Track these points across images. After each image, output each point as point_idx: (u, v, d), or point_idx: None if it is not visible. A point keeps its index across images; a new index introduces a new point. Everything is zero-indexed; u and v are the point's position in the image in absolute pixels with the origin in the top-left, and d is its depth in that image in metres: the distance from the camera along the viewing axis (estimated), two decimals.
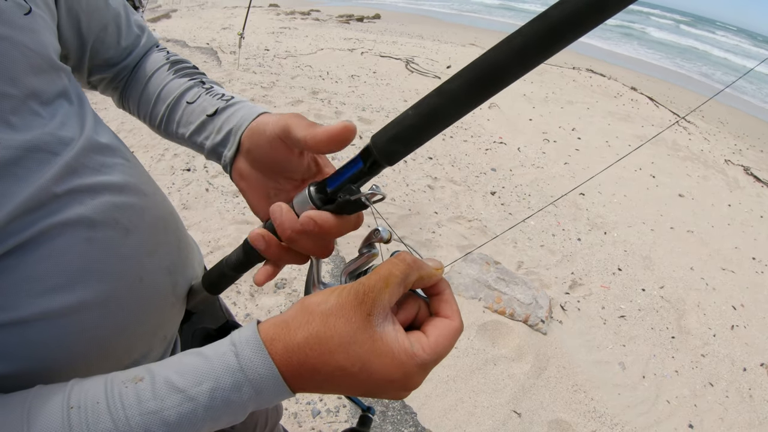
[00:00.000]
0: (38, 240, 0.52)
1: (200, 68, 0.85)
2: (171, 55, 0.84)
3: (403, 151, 0.49)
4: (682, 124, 8.18)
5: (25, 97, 0.54)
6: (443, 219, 4.07)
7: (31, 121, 0.54)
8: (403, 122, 0.47)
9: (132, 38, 0.82)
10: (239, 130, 0.69)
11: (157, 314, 0.70)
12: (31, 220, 0.51)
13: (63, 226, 0.54)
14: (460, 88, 0.43)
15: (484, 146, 5.84)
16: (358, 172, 0.52)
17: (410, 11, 21.70)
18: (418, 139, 0.47)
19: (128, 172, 0.66)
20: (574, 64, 11.59)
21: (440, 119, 0.46)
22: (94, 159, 0.61)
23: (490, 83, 0.42)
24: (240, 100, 0.75)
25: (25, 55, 0.55)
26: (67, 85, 0.63)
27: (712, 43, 29.61)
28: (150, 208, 0.69)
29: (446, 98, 0.44)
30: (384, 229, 0.54)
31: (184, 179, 4.03)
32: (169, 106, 0.77)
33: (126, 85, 0.84)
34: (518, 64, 0.41)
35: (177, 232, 0.77)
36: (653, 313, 3.45)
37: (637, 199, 5.18)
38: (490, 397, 2.51)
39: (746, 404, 2.83)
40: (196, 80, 0.80)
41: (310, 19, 14.55)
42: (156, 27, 10.68)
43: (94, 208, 0.58)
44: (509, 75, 0.41)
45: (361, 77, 7.84)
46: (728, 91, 13.56)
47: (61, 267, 0.54)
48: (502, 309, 3.00)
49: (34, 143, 0.53)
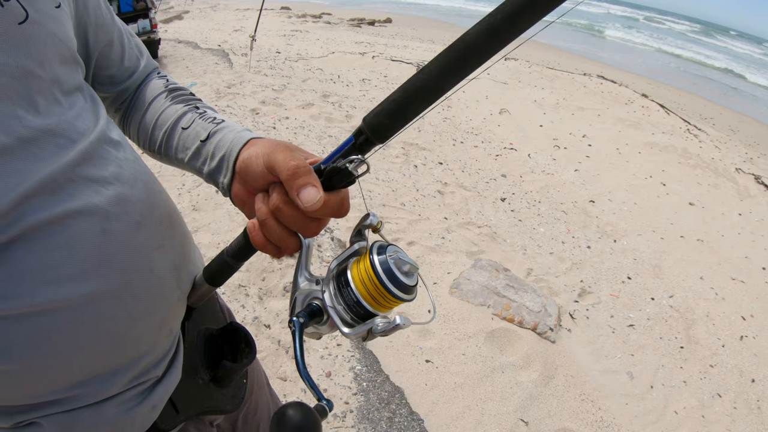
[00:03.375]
0: (54, 226, 0.54)
1: (212, 70, 0.88)
2: (170, 83, 0.87)
3: (388, 125, 0.52)
4: (693, 131, 8.13)
5: (50, 83, 0.58)
6: (453, 225, 4.07)
7: (52, 107, 0.57)
8: (389, 99, 0.51)
9: (133, 60, 0.85)
10: (231, 156, 0.71)
11: (165, 308, 0.72)
12: (49, 202, 0.53)
13: (78, 214, 0.56)
14: (439, 67, 0.48)
15: (494, 152, 5.85)
16: (350, 147, 0.55)
17: (422, 15, 21.70)
18: (403, 113, 0.51)
19: (137, 168, 0.69)
20: (585, 71, 11.57)
21: (422, 95, 0.50)
22: (108, 151, 0.64)
23: (464, 62, 0.47)
24: (227, 124, 0.77)
25: (53, 42, 0.58)
26: (83, 82, 0.67)
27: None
28: (158, 205, 0.71)
29: (426, 76, 0.49)
30: (374, 215, 0.57)
31: (195, 181, 4.05)
32: (166, 133, 0.80)
33: (127, 110, 0.87)
34: (487, 44, 0.46)
35: (181, 229, 0.79)
36: (662, 322, 3.44)
37: (647, 207, 5.16)
38: (497, 405, 2.51)
39: (754, 416, 2.81)
40: (190, 106, 0.82)
41: (321, 23, 14.61)
42: (168, 28, 10.76)
43: (108, 199, 0.60)
44: (480, 54, 0.47)
45: (372, 81, 7.86)
46: (739, 99, 13.49)
47: (77, 256, 0.56)
48: (510, 316, 3.00)
49: (54, 128, 0.56)
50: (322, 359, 2.55)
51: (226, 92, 6.24)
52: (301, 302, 0.60)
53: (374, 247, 0.55)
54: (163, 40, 9.02)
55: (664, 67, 18.19)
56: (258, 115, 5.64)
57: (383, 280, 0.52)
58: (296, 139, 5.12)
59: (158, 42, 8.02)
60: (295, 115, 5.78)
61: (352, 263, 0.56)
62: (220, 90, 6.28)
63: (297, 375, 2.44)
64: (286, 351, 2.58)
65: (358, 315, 0.55)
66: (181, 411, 0.77)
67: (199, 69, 7.22)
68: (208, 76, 6.86)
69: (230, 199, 0.73)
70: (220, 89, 6.32)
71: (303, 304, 0.59)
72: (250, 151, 0.68)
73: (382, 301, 0.54)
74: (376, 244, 0.56)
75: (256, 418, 1.17)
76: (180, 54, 8.32)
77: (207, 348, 0.88)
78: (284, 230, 0.60)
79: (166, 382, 0.74)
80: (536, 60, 11.84)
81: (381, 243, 0.56)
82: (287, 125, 5.47)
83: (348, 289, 0.54)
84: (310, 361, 2.53)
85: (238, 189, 0.70)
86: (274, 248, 0.63)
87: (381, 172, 4.75)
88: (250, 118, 5.54)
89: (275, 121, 5.53)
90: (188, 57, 8.10)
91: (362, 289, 0.53)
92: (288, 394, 2.36)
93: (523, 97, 8.17)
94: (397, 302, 0.54)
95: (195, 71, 7.07)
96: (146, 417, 0.72)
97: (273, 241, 0.62)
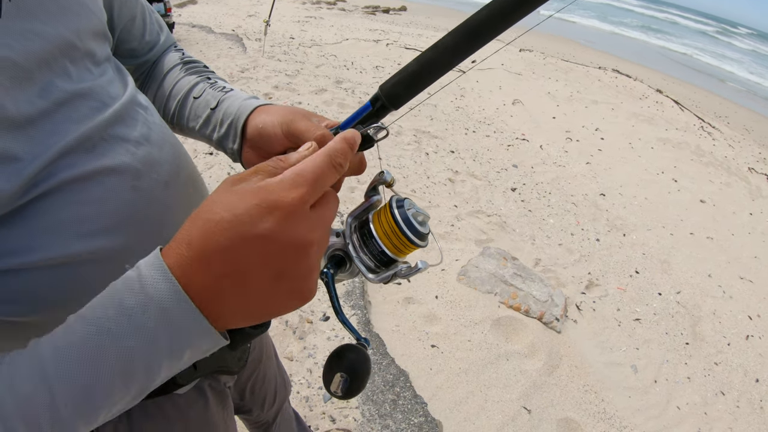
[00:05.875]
0: (88, 182, 0.56)
1: (225, 54, 0.90)
2: (185, 56, 0.90)
3: (404, 94, 0.57)
4: (707, 129, 8.06)
5: (84, 54, 0.60)
6: (462, 213, 4.08)
7: (84, 75, 0.60)
8: (405, 70, 0.56)
9: (154, 35, 0.89)
10: (238, 123, 0.74)
11: None
12: (83, 159, 0.56)
13: (111, 171, 0.59)
14: (451, 41, 0.53)
15: (506, 142, 5.83)
16: (367, 114, 0.60)
17: (437, 4, 21.55)
18: (417, 83, 0.56)
19: (164, 131, 0.72)
20: (600, 64, 11.47)
21: (435, 67, 0.54)
22: (138, 112, 0.67)
23: (474, 37, 0.52)
24: (235, 92, 0.81)
25: (88, 16, 0.61)
26: (110, 55, 0.69)
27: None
28: (183, 167, 0.74)
29: (440, 50, 0.54)
30: (388, 172, 0.62)
31: (206, 162, 4.08)
32: (179, 102, 0.83)
33: (145, 80, 0.90)
34: (496, 22, 0.50)
35: (203, 191, 0.82)
36: (668, 317, 3.44)
37: (658, 203, 5.14)
38: (500, 392, 2.53)
39: (756, 416, 2.82)
40: (203, 77, 0.85)
41: (336, 9, 14.55)
42: (182, 12, 10.76)
43: (138, 158, 0.63)
44: (489, 31, 0.51)
45: (386, 68, 7.83)
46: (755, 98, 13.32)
47: (109, 210, 0.59)
48: (517, 305, 3.01)
49: (87, 92, 0.59)
50: (328, 340, 2.58)
51: (239, 76, 6.24)
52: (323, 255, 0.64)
53: (393, 201, 0.59)
54: (177, 24, 9.04)
55: (677, 64, 18.00)
56: (271, 100, 5.64)
57: (405, 232, 0.57)
58: None
59: (172, 26, 8.03)
60: (308, 101, 5.78)
61: (373, 216, 0.60)
62: (234, 74, 6.29)
63: (303, 356, 2.47)
64: (293, 332, 2.60)
65: (381, 262, 0.59)
66: (198, 367, 0.80)
67: (212, 53, 7.22)
68: (221, 60, 6.87)
69: (241, 164, 0.75)
70: (234, 73, 6.32)
71: (326, 256, 0.63)
72: (262, 118, 0.71)
73: (403, 248, 0.58)
74: (394, 197, 0.60)
75: (264, 388, 1.20)
76: (194, 38, 8.32)
77: None
78: None
79: None
80: (551, 52, 11.75)
81: (397, 197, 0.60)
82: None
83: (372, 240, 0.58)
84: (317, 343, 2.56)
85: (251, 154, 0.73)
86: None
87: (393, 159, 4.76)
88: None
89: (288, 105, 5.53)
90: (202, 41, 8.10)
91: (386, 240, 0.58)
92: (294, 374, 2.39)
93: (536, 89, 8.12)
94: (415, 248, 0.59)
95: (209, 55, 7.07)
96: None
97: None
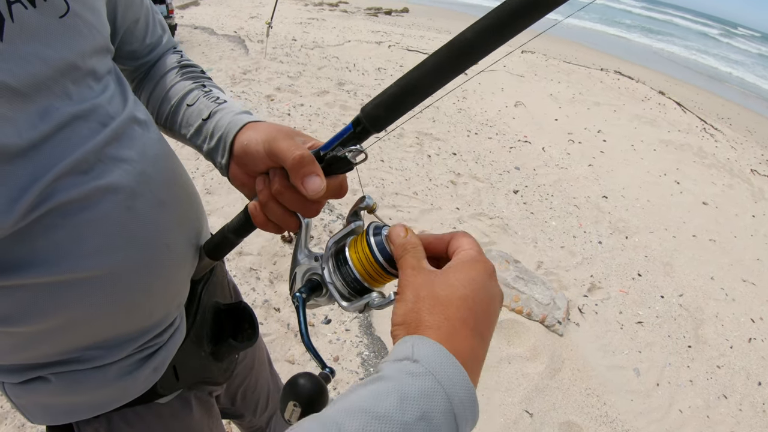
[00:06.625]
0: (84, 203, 0.56)
1: (227, 56, 0.89)
2: (183, 59, 0.89)
3: (385, 116, 0.54)
4: (709, 131, 8.05)
5: (86, 73, 0.60)
6: (464, 215, 4.08)
7: (85, 94, 0.60)
8: (386, 92, 0.53)
9: (156, 37, 0.88)
10: (227, 138, 0.73)
11: (178, 282, 0.76)
12: (80, 180, 0.56)
13: (105, 191, 0.59)
14: (435, 63, 0.50)
15: (508, 144, 5.83)
16: (349, 135, 0.57)
17: (439, 6, 21.55)
18: (399, 106, 0.53)
19: (161, 148, 0.72)
20: (603, 66, 11.46)
21: (418, 89, 0.52)
22: (135, 130, 0.67)
23: (460, 59, 0.49)
24: (228, 105, 0.79)
25: (91, 34, 0.61)
26: (112, 65, 0.69)
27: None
28: (178, 183, 0.74)
29: (423, 71, 0.51)
30: (370, 197, 0.60)
31: (208, 165, 4.08)
32: (172, 108, 0.82)
33: (142, 79, 0.89)
34: (482, 44, 0.47)
35: (198, 207, 0.83)
36: (671, 320, 3.43)
37: (660, 205, 5.13)
38: (502, 395, 2.52)
39: (759, 419, 2.81)
40: (198, 83, 0.84)
41: (338, 11, 14.55)
42: (184, 14, 10.77)
43: (134, 177, 0.63)
44: (475, 52, 0.48)
45: (388, 70, 7.84)
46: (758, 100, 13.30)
47: (103, 231, 0.59)
48: (519, 308, 3.01)
49: (86, 113, 0.58)
50: (330, 344, 2.58)
51: (241, 78, 6.25)
52: (301, 277, 0.64)
53: (371, 228, 0.57)
54: (179, 25, 9.03)
55: (679, 66, 17.98)
56: (273, 102, 5.65)
57: (379, 260, 0.55)
58: (310, 126, 5.13)
59: (174, 27, 8.03)
60: (309, 102, 5.78)
61: (350, 242, 0.59)
62: (236, 76, 6.29)
63: (306, 358, 2.47)
64: (295, 335, 2.60)
65: (355, 290, 0.58)
66: (181, 378, 0.81)
67: (215, 55, 7.23)
68: (223, 62, 6.87)
69: (228, 179, 0.75)
70: (236, 75, 6.33)
71: (303, 279, 0.62)
72: (248, 135, 0.70)
73: (378, 278, 0.56)
74: (372, 224, 0.58)
75: (256, 394, 1.20)
76: (196, 40, 8.33)
77: (213, 321, 0.92)
78: (285, 211, 0.64)
79: (168, 346, 0.78)
80: (553, 53, 11.74)
81: (377, 223, 0.58)
82: (302, 112, 5.48)
83: (346, 267, 0.57)
84: (319, 346, 2.56)
85: (237, 171, 0.72)
86: (275, 227, 0.67)
87: (395, 161, 4.76)
88: (265, 104, 5.55)
89: (290, 107, 5.54)
90: (204, 43, 8.10)
91: (360, 268, 0.56)
92: None
93: (538, 91, 8.11)
94: (390, 278, 0.57)
95: (211, 57, 7.08)
96: (148, 378, 0.75)
97: (274, 221, 0.66)
